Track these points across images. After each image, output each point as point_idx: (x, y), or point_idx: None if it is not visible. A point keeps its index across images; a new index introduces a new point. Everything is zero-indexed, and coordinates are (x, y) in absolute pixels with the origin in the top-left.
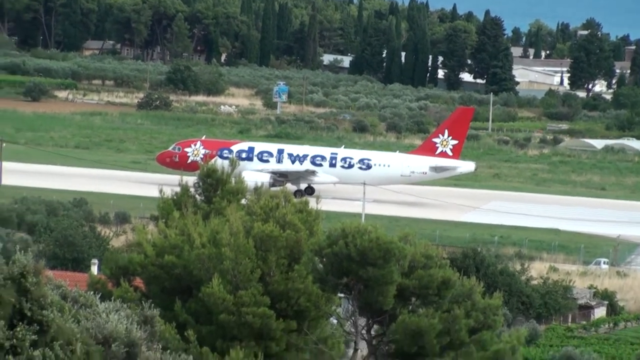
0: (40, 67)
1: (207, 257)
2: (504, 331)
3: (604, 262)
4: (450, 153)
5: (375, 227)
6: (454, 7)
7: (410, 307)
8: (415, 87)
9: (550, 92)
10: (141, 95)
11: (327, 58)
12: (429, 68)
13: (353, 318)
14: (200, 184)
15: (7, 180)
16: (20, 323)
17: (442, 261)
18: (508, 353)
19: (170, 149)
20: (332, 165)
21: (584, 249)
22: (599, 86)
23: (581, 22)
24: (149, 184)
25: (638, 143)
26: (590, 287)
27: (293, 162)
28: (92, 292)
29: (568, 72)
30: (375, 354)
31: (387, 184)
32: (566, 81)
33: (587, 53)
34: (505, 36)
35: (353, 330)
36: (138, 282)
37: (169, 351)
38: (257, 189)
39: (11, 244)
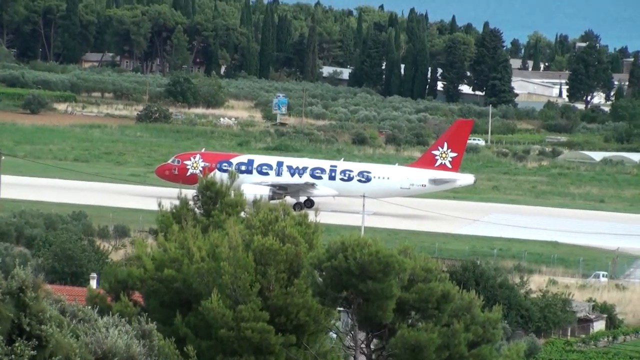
0: (39, 79)
1: (207, 271)
2: (503, 345)
3: (603, 275)
4: (449, 165)
5: (374, 241)
6: (453, 19)
7: (410, 321)
8: (414, 99)
9: (549, 104)
10: (140, 107)
11: (326, 70)
12: (428, 80)
13: (352, 332)
14: (199, 196)
15: (5, 194)
16: (19, 338)
17: (442, 274)
18: None
19: (169, 161)
20: (332, 177)
21: (583, 262)
22: (598, 98)
23: (579, 34)
24: (149, 197)
25: (636, 155)
26: (589, 300)
27: (292, 174)
28: (91, 307)
29: (567, 84)
30: None
31: (386, 196)
32: (565, 93)
33: (585, 65)
34: (504, 48)
35: (352, 344)
36: (137, 296)
37: None
38: (256, 202)
39: (10, 258)
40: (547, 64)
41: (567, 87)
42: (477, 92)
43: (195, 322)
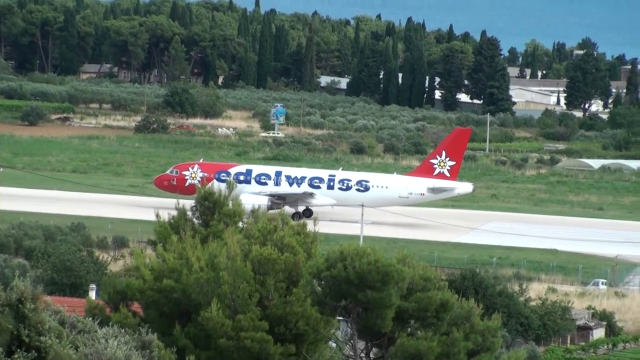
0: (37, 91)
1: (206, 281)
2: (503, 353)
3: (602, 283)
4: (447, 174)
5: (373, 250)
6: (451, 28)
7: (409, 330)
8: (412, 108)
9: (547, 112)
10: (139, 118)
11: (324, 80)
12: (426, 89)
13: (352, 341)
14: (198, 207)
15: (4, 205)
16: (18, 349)
17: (441, 283)
18: None
19: (167, 172)
20: (330, 187)
21: (582, 270)
22: (596, 106)
23: (577, 42)
24: (147, 208)
25: (635, 163)
26: (589, 307)
27: (291, 184)
28: (90, 318)
29: (564, 91)
30: None
31: (385, 205)
32: (563, 101)
33: (583, 73)
34: (502, 56)
35: (352, 353)
36: (136, 307)
37: None
38: (254, 212)
39: (9, 269)
40: (544, 72)
41: (565, 95)
42: (475, 101)
43: (195, 333)
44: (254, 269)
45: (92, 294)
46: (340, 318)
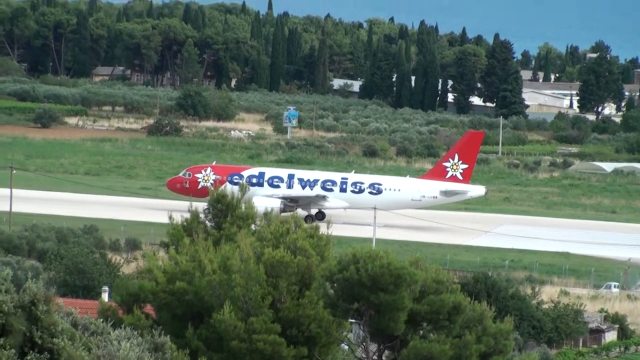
0: (50, 93)
1: (218, 284)
2: (515, 356)
3: (615, 286)
4: (460, 177)
5: (386, 253)
6: (463, 31)
7: (422, 333)
8: (425, 111)
9: (560, 115)
10: (151, 121)
11: (337, 82)
12: (439, 92)
13: (364, 344)
14: (210, 209)
15: (17, 208)
16: (31, 351)
17: (453, 286)
18: None
19: (180, 174)
20: (343, 190)
21: (595, 273)
22: (609, 109)
23: (590, 45)
24: (160, 210)
25: None
26: (601, 310)
27: (303, 187)
28: (103, 320)
29: (577, 95)
30: None
31: (397, 208)
32: (575, 104)
33: (596, 76)
34: (515, 59)
35: (364, 356)
36: (149, 309)
37: None
38: (267, 215)
39: (21, 271)
40: (557, 75)
41: (578, 98)
42: (488, 104)
43: (207, 335)
44: (267, 271)
45: (105, 296)
46: (353, 321)
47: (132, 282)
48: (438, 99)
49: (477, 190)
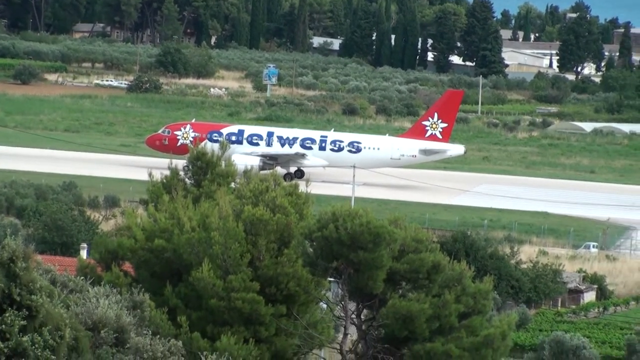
0: (29, 49)
1: (197, 241)
2: (493, 316)
3: (593, 246)
4: (439, 136)
5: (365, 211)
6: None
7: (400, 292)
8: (404, 69)
9: (540, 75)
10: (131, 77)
11: (316, 40)
12: (419, 51)
13: (343, 302)
14: (190, 167)
15: None
16: (10, 308)
17: (432, 245)
18: (498, 338)
19: (159, 132)
20: (322, 148)
21: (574, 233)
22: (588, 69)
23: (570, 5)
24: (139, 168)
25: (627, 126)
26: (580, 271)
27: (283, 145)
28: (81, 277)
29: (557, 54)
30: (365, 338)
31: (376, 167)
32: (555, 64)
33: (576, 36)
34: (495, 19)
35: (343, 314)
36: (127, 266)
37: (158, 337)
38: (246, 172)
39: (0, 228)
40: (537, 34)
41: (558, 57)
42: (468, 63)
43: (186, 293)
44: (246, 229)
45: (84, 253)
46: (332, 279)
47: (111, 239)
48: (418, 57)
49: (456, 149)
